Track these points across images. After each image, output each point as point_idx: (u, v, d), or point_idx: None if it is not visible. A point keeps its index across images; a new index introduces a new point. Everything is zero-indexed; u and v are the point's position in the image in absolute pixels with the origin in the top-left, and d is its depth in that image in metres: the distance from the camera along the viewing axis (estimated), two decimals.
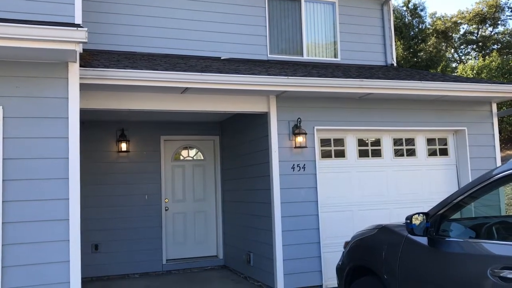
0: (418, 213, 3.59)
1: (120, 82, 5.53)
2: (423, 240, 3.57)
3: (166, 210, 8.79)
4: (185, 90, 6.05)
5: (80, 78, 5.01)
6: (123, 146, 8.42)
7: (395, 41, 10.34)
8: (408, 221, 3.59)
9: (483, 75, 18.19)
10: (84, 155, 6.88)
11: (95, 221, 8.10)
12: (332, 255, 6.54)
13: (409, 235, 3.69)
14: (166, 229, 8.73)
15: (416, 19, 25.62)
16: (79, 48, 4.52)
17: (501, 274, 2.87)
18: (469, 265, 3.14)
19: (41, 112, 4.75)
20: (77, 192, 4.76)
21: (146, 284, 7.63)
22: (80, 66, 5.07)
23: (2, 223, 4.53)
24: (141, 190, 8.54)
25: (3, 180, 4.57)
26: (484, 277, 2.97)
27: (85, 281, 7.08)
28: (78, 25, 4.64)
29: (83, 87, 5.28)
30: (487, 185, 3.33)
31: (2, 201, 4.55)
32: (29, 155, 4.68)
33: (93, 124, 8.19)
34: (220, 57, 7.90)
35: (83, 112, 5.47)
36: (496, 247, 3.14)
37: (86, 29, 4.41)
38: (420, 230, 3.57)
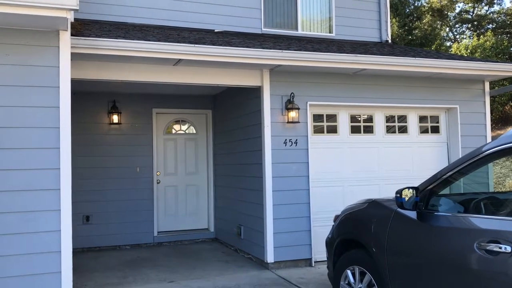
0: (408, 188, 3.62)
1: (112, 52, 5.45)
2: (412, 214, 3.62)
3: (158, 183, 8.80)
4: (178, 62, 5.99)
5: (72, 47, 4.93)
6: (115, 118, 8.36)
7: (390, 18, 10.26)
8: (398, 195, 3.63)
9: (477, 55, 18.17)
10: (75, 126, 6.82)
11: (86, 193, 8.10)
12: (321, 229, 6.61)
13: (398, 209, 3.73)
14: (157, 201, 8.76)
15: None
16: (70, 16, 4.44)
17: (488, 248, 2.93)
18: (457, 239, 3.19)
19: (32, 80, 4.68)
20: (69, 162, 4.74)
21: (136, 255, 7.69)
22: (72, 35, 4.99)
23: None
24: (133, 162, 8.53)
25: None
26: (471, 250, 3.03)
27: (76, 251, 7.12)
28: None
29: (75, 57, 5.20)
30: (476, 161, 3.37)
31: None
32: (20, 124, 4.63)
33: (85, 95, 8.11)
34: (213, 30, 7.80)
35: (75, 83, 5.40)
36: (484, 222, 3.19)
37: None
38: (409, 204, 3.60)
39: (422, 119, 7.73)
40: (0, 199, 4.53)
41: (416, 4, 25.37)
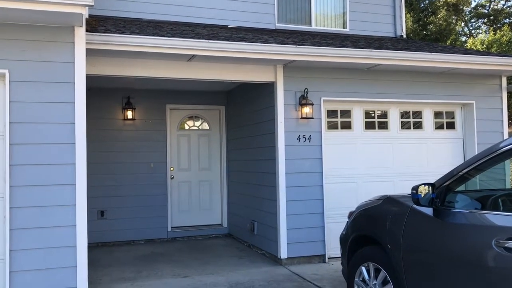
0: (424, 184, 3.58)
1: (127, 48, 5.47)
2: (428, 211, 3.58)
3: (171, 178, 8.84)
4: (192, 57, 5.99)
5: (86, 43, 4.97)
6: (129, 114, 8.41)
7: (404, 13, 10.14)
8: (414, 191, 3.59)
9: (493, 50, 17.92)
10: (90, 122, 6.87)
11: (101, 188, 8.16)
12: (335, 225, 6.59)
13: (414, 205, 3.70)
14: (171, 197, 8.81)
15: None
16: (85, 12, 4.46)
17: (506, 245, 2.89)
18: (474, 236, 3.15)
19: (47, 76, 4.73)
20: (84, 157, 4.78)
21: (150, 250, 7.74)
22: (87, 31, 5.02)
23: (10, 186, 4.58)
24: (147, 158, 8.58)
25: (10, 144, 4.60)
26: (489, 247, 2.99)
27: (91, 246, 7.17)
28: None
29: (89, 53, 5.23)
30: (493, 158, 3.32)
31: (10, 165, 4.59)
32: (36, 119, 4.68)
33: (99, 91, 8.17)
34: (227, 26, 7.79)
35: (89, 79, 5.44)
36: (502, 218, 3.14)
37: None
38: (425, 200, 3.57)
39: (438, 114, 7.65)
40: (18, 194, 4.59)
41: None
